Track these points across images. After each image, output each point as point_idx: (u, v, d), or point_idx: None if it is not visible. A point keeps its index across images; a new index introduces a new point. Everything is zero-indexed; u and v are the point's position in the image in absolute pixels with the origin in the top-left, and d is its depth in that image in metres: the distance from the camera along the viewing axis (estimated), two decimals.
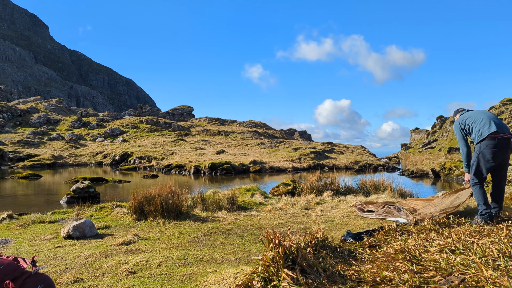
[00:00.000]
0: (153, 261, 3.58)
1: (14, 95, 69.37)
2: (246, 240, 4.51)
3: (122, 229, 5.31)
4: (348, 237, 3.84)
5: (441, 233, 3.50)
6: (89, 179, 16.76)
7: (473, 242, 2.90)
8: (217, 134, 51.59)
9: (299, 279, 2.27)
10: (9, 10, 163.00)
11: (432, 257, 2.62)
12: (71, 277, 3.16)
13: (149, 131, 49.63)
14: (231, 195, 6.95)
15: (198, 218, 5.91)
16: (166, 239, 4.64)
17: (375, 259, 2.73)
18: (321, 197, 8.20)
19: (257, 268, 2.53)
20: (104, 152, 36.74)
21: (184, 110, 67.94)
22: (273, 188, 10.42)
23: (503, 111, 49.13)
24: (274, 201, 7.83)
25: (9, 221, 5.96)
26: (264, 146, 41.52)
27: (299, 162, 30.22)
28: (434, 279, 2.16)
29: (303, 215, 6.17)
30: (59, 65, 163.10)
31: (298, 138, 64.60)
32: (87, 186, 11.43)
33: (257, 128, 59.77)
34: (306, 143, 44.89)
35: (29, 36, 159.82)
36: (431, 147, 53.22)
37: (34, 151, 36.00)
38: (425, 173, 21.83)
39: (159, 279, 3.08)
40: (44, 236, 4.91)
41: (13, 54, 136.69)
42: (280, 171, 26.71)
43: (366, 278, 2.33)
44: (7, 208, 8.99)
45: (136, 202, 5.91)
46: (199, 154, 33.30)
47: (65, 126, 49.90)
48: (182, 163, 27.82)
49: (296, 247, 2.64)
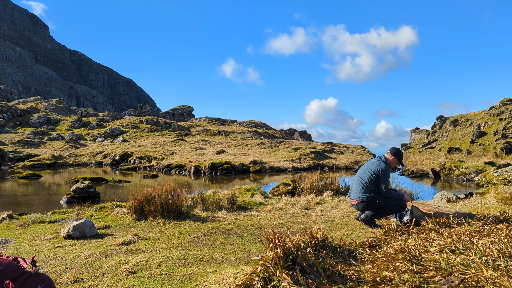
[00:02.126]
0: (153, 261, 3.58)
1: (14, 95, 69.38)
2: (246, 240, 4.51)
3: (122, 229, 5.31)
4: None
5: (441, 233, 3.50)
6: (89, 179, 16.76)
7: (473, 242, 2.90)
8: (217, 134, 51.59)
9: (299, 279, 2.27)
10: (9, 10, 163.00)
11: (432, 257, 2.62)
12: (71, 277, 3.16)
13: (149, 131, 49.64)
14: (231, 195, 6.95)
15: (198, 218, 5.91)
16: (166, 239, 4.64)
17: (375, 259, 2.73)
18: (321, 197, 8.20)
19: (257, 268, 2.53)
20: (104, 152, 36.74)
21: (184, 110, 67.95)
22: (273, 188, 10.42)
23: (503, 111, 49.14)
24: (274, 201, 7.84)
25: (9, 221, 5.96)
26: (264, 146, 41.52)
27: (299, 162, 30.22)
28: (434, 279, 2.16)
29: (303, 215, 6.18)
30: (59, 65, 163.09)
31: (298, 138, 64.60)
32: (87, 186, 11.43)
33: (257, 128, 59.78)
34: (306, 143, 44.89)
35: (29, 36, 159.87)
36: (431, 147, 53.24)
37: (34, 151, 36.00)
38: (425, 173, 21.83)
39: (159, 279, 3.08)
40: (44, 236, 4.91)
41: (13, 54, 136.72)
42: (280, 171, 26.71)
43: (366, 278, 2.33)
44: (7, 208, 9.00)
45: (136, 202, 5.91)
46: (199, 154, 33.31)
47: (65, 126, 49.91)
48: (182, 163, 27.82)
49: (296, 247, 2.64)
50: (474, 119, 53.38)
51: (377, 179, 5.03)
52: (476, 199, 7.50)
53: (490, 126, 48.09)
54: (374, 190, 5.07)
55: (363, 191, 5.08)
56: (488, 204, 6.67)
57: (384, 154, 5.32)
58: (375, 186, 5.06)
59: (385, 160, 5.22)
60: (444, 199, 8.10)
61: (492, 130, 46.46)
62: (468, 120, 54.51)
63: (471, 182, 17.46)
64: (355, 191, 5.21)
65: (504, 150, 37.87)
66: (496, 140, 42.70)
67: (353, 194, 5.28)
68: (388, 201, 5.06)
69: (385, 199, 5.05)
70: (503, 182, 13.24)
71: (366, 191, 5.06)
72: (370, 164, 5.21)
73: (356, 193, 5.20)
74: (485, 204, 6.70)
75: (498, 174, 14.16)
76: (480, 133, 47.44)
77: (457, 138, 52.95)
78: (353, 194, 5.28)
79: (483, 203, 6.80)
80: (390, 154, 5.26)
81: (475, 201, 7.26)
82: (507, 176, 13.60)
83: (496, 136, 43.54)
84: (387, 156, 5.28)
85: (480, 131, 47.94)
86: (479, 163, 21.15)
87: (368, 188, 5.05)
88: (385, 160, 5.22)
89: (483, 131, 47.86)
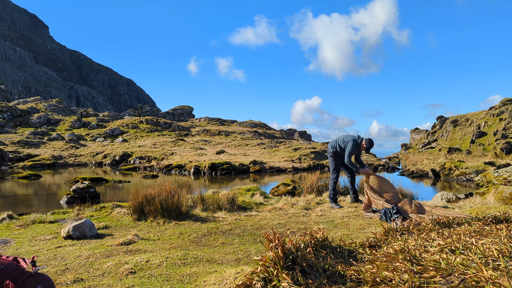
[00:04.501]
0: (153, 261, 3.58)
1: (14, 95, 69.39)
2: (246, 240, 4.51)
3: (122, 229, 5.31)
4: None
5: (441, 233, 3.50)
6: (89, 179, 16.76)
7: (473, 242, 2.90)
8: (217, 134, 51.59)
9: (299, 279, 2.27)
10: (9, 10, 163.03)
11: (432, 257, 2.62)
12: (71, 277, 3.16)
13: (149, 131, 49.63)
14: (231, 195, 6.95)
15: (198, 218, 5.91)
16: (166, 239, 4.64)
17: (375, 259, 2.73)
18: (321, 197, 8.20)
19: (257, 268, 2.53)
20: (104, 152, 36.74)
21: (184, 110, 67.95)
22: (273, 188, 10.42)
23: (503, 111, 49.15)
24: (274, 201, 7.84)
25: (9, 221, 5.96)
26: (264, 146, 41.52)
27: (299, 162, 30.22)
28: (434, 279, 2.16)
29: (303, 215, 6.18)
30: (59, 65, 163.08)
31: (298, 138, 64.61)
32: (87, 186, 11.43)
33: (257, 128, 59.77)
34: (306, 143, 44.90)
35: (29, 36, 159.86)
36: (431, 147, 53.24)
37: (34, 151, 36.01)
38: (425, 173, 21.83)
39: (159, 279, 3.08)
40: (44, 236, 4.91)
41: (13, 54, 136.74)
42: (280, 171, 26.71)
43: (366, 278, 2.33)
44: (7, 208, 9.00)
45: (136, 202, 5.91)
46: (199, 154, 33.30)
47: (65, 126, 49.91)
48: (182, 163, 27.81)
49: (296, 247, 2.64)
50: (474, 119, 53.39)
51: (344, 146, 6.97)
52: (476, 199, 7.50)
53: (490, 126, 48.10)
54: (339, 149, 7.10)
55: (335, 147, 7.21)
56: (488, 204, 6.68)
57: (362, 138, 6.91)
58: (342, 149, 7.05)
59: (358, 140, 6.83)
60: (444, 200, 8.11)
61: (492, 130, 46.47)
62: (468, 120, 54.53)
63: (471, 182, 17.47)
64: (332, 145, 7.25)
65: (504, 150, 37.87)
66: (496, 140, 42.71)
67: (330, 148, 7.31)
68: (338, 162, 7.19)
69: (338, 159, 7.15)
70: (503, 182, 13.24)
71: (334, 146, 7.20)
72: (346, 135, 7.06)
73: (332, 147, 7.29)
74: (485, 204, 6.70)
75: (498, 174, 14.16)
76: (480, 133, 47.45)
77: (457, 138, 52.96)
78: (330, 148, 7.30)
79: (483, 203, 6.80)
80: (364, 141, 6.88)
81: (475, 201, 7.26)
82: (507, 176, 13.60)
83: (496, 136, 43.55)
84: (363, 141, 6.87)
85: (480, 131, 47.95)
86: (479, 163, 21.16)
87: (339, 146, 7.11)
88: (358, 140, 6.83)
89: (483, 131, 47.88)
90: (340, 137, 7.18)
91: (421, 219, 4.81)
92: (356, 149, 6.92)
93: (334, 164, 7.21)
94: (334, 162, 7.20)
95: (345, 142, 6.93)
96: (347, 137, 6.98)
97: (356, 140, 6.84)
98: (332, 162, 7.25)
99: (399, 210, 5.41)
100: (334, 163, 7.21)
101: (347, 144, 6.84)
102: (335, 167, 7.21)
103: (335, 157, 7.17)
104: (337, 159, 7.16)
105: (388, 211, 5.45)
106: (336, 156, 7.15)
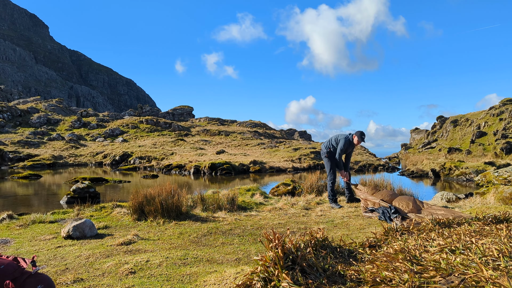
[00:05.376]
0: (153, 261, 3.58)
1: (14, 95, 69.38)
2: (246, 240, 4.51)
3: (122, 229, 5.31)
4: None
5: (441, 233, 3.50)
6: (89, 179, 16.76)
7: (473, 242, 2.90)
8: (217, 134, 51.59)
9: (299, 279, 2.27)
10: (9, 10, 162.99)
11: (432, 257, 2.62)
12: (71, 277, 3.16)
13: (149, 131, 49.63)
14: (231, 195, 6.94)
15: (198, 218, 5.91)
16: (166, 239, 4.64)
17: (375, 259, 2.72)
18: (321, 197, 8.20)
19: (257, 268, 2.53)
20: (104, 152, 36.74)
21: (184, 110, 67.95)
22: (273, 188, 10.42)
23: (503, 111, 49.15)
24: (274, 201, 7.84)
25: (9, 221, 5.96)
26: (264, 146, 41.52)
27: (299, 162, 30.22)
28: (434, 279, 2.16)
29: (303, 215, 6.18)
30: (59, 65, 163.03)
31: (298, 138, 64.61)
32: (87, 186, 11.43)
33: (257, 128, 59.76)
34: (306, 143, 44.90)
35: (29, 36, 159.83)
36: (431, 147, 53.26)
37: (34, 151, 36.01)
38: (425, 173, 21.83)
39: (159, 279, 3.08)
40: (44, 236, 4.91)
41: (13, 54, 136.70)
42: (280, 171, 26.71)
43: (366, 278, 2.33)
44: (7, 208, 9.00)
45: (136, 202, 5.91)
46: (199, 154, 33.30)
47: (65, 126, 49.91)
48: (182, 163, 27.81)
49: (296, 247, 2.64)
50: (474, 119, 53.39)
51: (336, 144, 7.18)
52: (476, 199, 7.50)
53: (490, 126, 48.10)
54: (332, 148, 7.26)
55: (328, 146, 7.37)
56: (488, 204, 6.68)
57: (352, 133, 7.10)
58: (335, 149, 7.19)
59: (349, 137, 7.02)
60: (444, 199, 8.11)
61: (492, 130, 46.47)
62: (468, 120, 54.53)
63: (471, 182, 17.46)
64: (326, 145, 7.39)
65: (504, 150, 37.88)
66: (496, 140, 42.71)
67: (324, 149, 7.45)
68: (333, 162, 7.23)
69: (332, 159, 7.22)
70: (503, 182, 13.24)
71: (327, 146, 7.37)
72: (339, 135, 7.23)
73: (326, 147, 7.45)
74: (485, 204, 6.70)
75: (498, 174, 14.16)
76: (480, 133, 47.45)
77: (457, 138, 52.97)
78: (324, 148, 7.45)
79: (483, 203, 6.80)
80: (355, 134, 7.04)
81: (475, 201, 7.26)
82: (507, 176, 13.60)
83: (496, 136, 43.55)
84: (354, 136, 7.04)
85: (480, 131, 47.95)
86: (479, 163, 21.16)
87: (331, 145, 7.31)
88: (349, 137, 7.02)
89: (483, 131, 47.88)
90: (333, 137, 7.29)
91: (421, 219, 4.82)
92: (349, 146, 7.05)
93: (329, 165, 7.24)
94: (329, 163, 7.23)
95: (337, 141, 7.08)
96: (339, 136, 7.12)
97: (348, 138, 7.01)
98: (327, 163, 7.27)
99: (398, 209, 5.41)
100: (329, 163, 7.23)
101: (339, 142, 7.01)
102: (331, 167, 7.24)
103: (329, 158, 7.21)
104: (332, 159, 7.21)
105: (386, 211, 5.45)
106: (330, 157, 7.21)
